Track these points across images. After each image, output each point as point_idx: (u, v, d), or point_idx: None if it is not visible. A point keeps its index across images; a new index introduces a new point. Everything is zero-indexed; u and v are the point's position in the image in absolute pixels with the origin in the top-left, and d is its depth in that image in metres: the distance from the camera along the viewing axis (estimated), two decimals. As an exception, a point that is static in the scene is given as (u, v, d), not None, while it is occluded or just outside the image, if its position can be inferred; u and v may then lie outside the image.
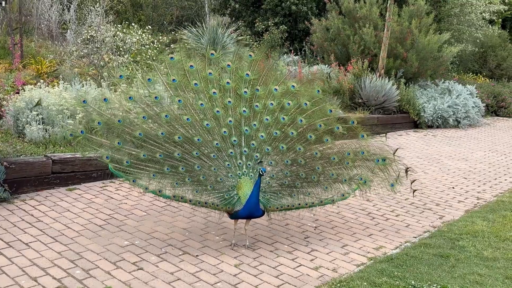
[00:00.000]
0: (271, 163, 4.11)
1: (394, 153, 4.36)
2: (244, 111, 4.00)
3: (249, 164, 3.98)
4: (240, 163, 3.98)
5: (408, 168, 4.33)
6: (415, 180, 4.12)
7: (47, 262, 3.58)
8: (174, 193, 3.98)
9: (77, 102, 4.16)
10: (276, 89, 4.07)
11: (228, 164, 3.97)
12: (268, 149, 4.04)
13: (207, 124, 3.94)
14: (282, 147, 4.05)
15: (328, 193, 4.23)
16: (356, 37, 12.00)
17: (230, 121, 3.97)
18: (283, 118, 4.04)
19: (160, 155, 3.89)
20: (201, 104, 3.96)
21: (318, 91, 4.24)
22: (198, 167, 3.93)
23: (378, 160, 4.23)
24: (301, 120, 4.05)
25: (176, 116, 3.97)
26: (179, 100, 3.98)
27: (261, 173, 3.80)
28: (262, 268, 3.69)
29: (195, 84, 3.99)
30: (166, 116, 3.94)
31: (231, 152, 3.96)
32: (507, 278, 3.62)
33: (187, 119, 3.94)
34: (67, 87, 7.01)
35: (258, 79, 4.07)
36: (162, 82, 4.06)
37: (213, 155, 3.95)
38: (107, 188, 5.35)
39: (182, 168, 3.91)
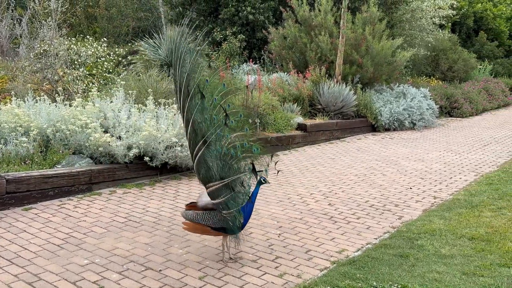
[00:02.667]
0: None
1: (270, 140, 4.40)
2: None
3: None
4: None
5: (272, 154, 4.33)
6: (277, 161, 4.13)
7: (3, 286, 3.44)
8: None
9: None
10: None
11: None
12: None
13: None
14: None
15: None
16: (313, 45, 12.22)
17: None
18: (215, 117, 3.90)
19: None
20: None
21: (224, 85, 4.06)
22: None
23: (255, 150, 4.03)
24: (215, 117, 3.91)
25: None
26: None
27: (262, 181, 3.80)
28: (227, 279, 3.68)
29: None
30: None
31: None
32: (464, 274, 3.74)
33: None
34: (20, 104, 6.81)
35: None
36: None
37: None
38: (65, 206, 5.21)
39: None
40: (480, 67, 21.18)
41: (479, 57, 22.34)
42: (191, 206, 4.04)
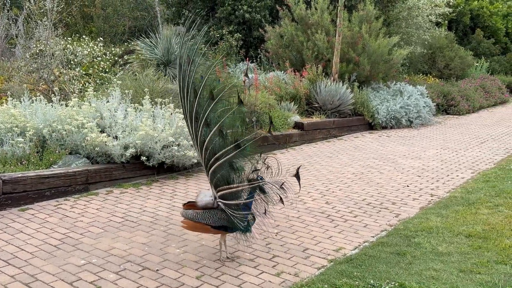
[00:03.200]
0: None
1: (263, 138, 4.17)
2: None
3: None
4: None
5: (261, 152, 4.26)
6: (266, 158, 4.05)
7: (-1, 288, 3.43)
8: None
9: None
10: None
11: None
12: None
13: None
14: None
15: None
16: (310, 43, 12.21)
17: None
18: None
19: None
20: None
21: (219, 80, 4.04)
22: None
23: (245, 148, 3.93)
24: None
25: None
26: None
27: (259, 179, 3.78)
28: (224, 278, 3.67)
29: None
30: None
31: None
32: (461, 272, 3.75)
33: None
34: (16, 104, 6.79)
35: None
36: None
37: None
38: (62, 206, 5.20)
39: None
40: (477, 64, 21.22)
41: (475, 55, 22.38)
42: (189, 205, 4.03)
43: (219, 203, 3.84)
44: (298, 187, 3.96)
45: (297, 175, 3.75)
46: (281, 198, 3.81)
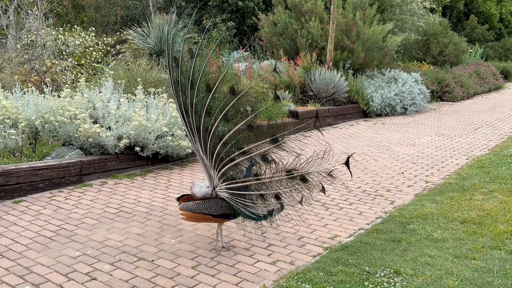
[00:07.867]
0: None
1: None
2: None
3: None
4: None
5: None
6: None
7: (-7, 280, 3.41)
8: None
9: None
10: None
11: None
12: None
13: None
14: None
15: None
16: (303, 31, 12.14)
17: None
18: None
19: None
20: None
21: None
22: None
23: None
24: None
25: None
26: None
27: (254, 163, 3.76)
28: (220, 268, 3.67)
29: None
30: None
31: None
32: (456, 258, 3.76)
33: None
34: (7, 96, 6.72)
35: None
36: None
37: None
38: (56, 198, 5.17)
39: None
40: (471, 50, 21.20)
41: (469, 41, 22.37)
42: (185, 198, 4.00)
43: (218, 192, 3.83)
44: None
45: (347, 163, 3.71)
46: (323, 188, 3.77)
